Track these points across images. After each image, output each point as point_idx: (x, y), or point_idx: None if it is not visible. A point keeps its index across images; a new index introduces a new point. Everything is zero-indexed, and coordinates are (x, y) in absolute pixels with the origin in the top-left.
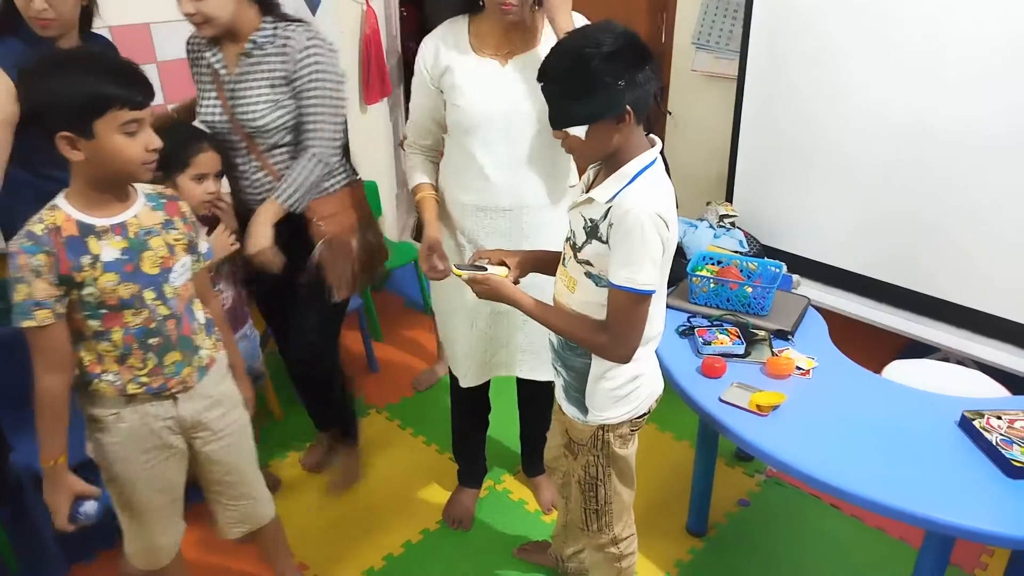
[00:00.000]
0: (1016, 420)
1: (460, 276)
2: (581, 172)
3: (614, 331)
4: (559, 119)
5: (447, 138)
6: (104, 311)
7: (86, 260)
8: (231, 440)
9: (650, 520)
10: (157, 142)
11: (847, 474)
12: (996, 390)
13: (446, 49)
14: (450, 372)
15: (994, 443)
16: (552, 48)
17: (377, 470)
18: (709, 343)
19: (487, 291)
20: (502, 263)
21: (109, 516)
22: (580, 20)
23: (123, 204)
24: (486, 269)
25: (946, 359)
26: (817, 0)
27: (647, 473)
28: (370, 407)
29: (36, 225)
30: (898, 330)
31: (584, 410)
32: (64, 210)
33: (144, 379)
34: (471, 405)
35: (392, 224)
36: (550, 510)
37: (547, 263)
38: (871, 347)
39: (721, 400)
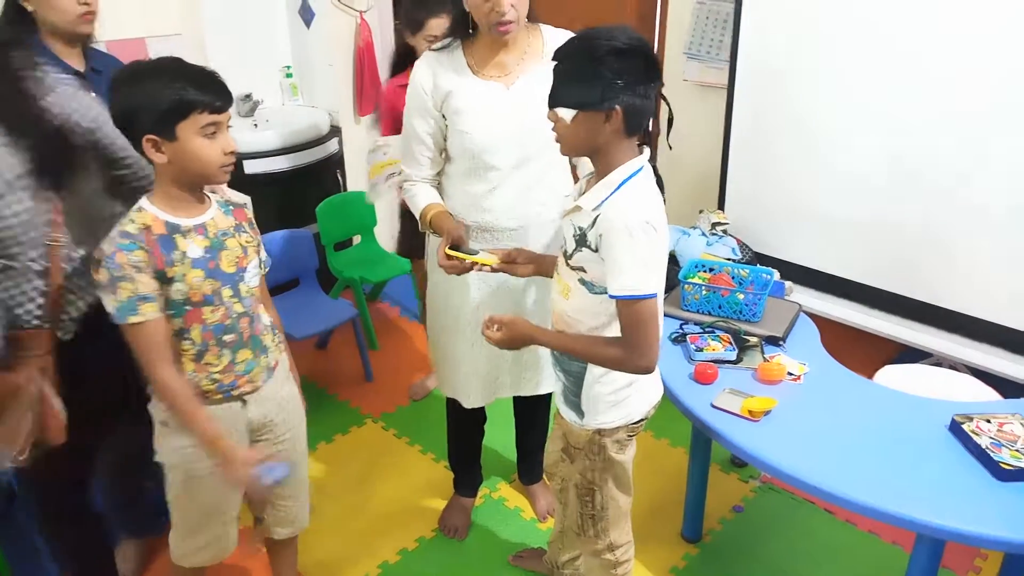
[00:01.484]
0: (1006, 423)
1: (452, 255)
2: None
3: (629, 342)
4: (553, 97)
5: (451, 162)
6: (188, 308)
7: (176, 256)
8: (291, 444)
9: (645, 527)
10: (233, 145)
11: (837, 478)
12: (987, 394)
13: (444, 73)
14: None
15: (984, 447)
16: (572, 36)
17: (373, 479)
18: (701, 349)
19: (507, 340)
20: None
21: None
22: (568, 35)
23: (201, 207)
24: (477, 252)
25: (939, 364)
26: (806, 8)
27: (642, 480)
28: (366, 417)
29: (128, 225)
30: (890, 335)
31: (580, 414)
32: (150, 211)
33: (217, 375)
34: (467, 416)
35: (387, 235)
36: (546, 518)
37: (546, 265)
38: (866, 353)
39: (713, 406)
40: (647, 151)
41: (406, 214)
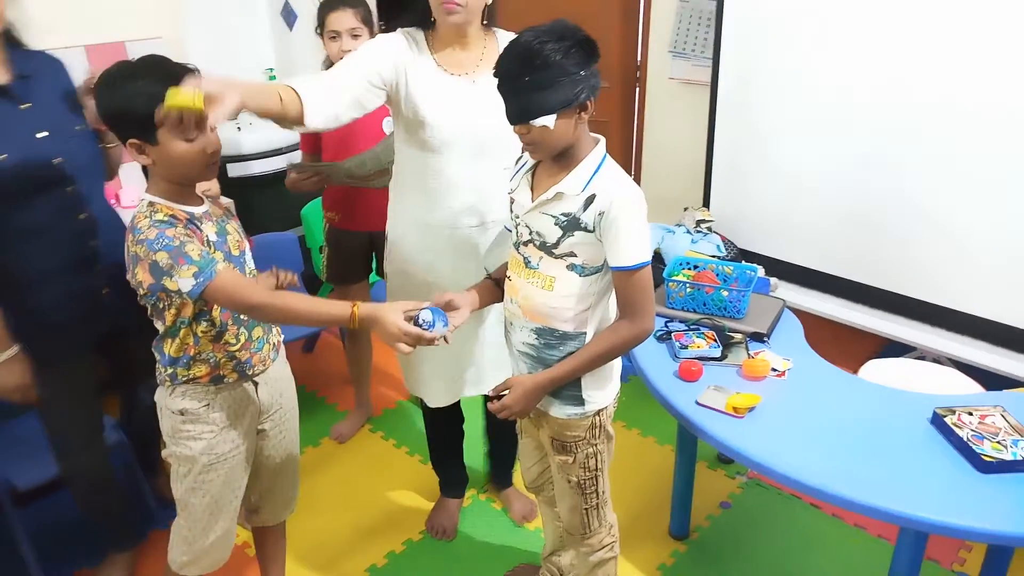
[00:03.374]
0: (987, 416)
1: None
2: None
3: (639, 309)
4: (528, 111)
5: (403, 155)
6: None
7: (204, 238)
8: (292, 423)
9: (633, 525)
10: (216, 144)
11: (821, 473)
12: (970, 387)
13: (414, 55)
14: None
15: (965, 439)
16: (509, 46)
17: (360, 481)
18: (686, 347)
19: (521, 402)
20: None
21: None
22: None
23: (198, 197)
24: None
25: (922, 358)
26: (786, 5)
27: (629, 478)
28: None
29: (155, 216)
30: (874, 330)
31: (581, 402)
32: (163, 203)
33: (236, 354)
34: (444, 418)
35: None
36: (522, 522)
37: (490, 294)
38: (852, 348)
39: (698, 403)
40: (602, 137)
41: (332, 243)
